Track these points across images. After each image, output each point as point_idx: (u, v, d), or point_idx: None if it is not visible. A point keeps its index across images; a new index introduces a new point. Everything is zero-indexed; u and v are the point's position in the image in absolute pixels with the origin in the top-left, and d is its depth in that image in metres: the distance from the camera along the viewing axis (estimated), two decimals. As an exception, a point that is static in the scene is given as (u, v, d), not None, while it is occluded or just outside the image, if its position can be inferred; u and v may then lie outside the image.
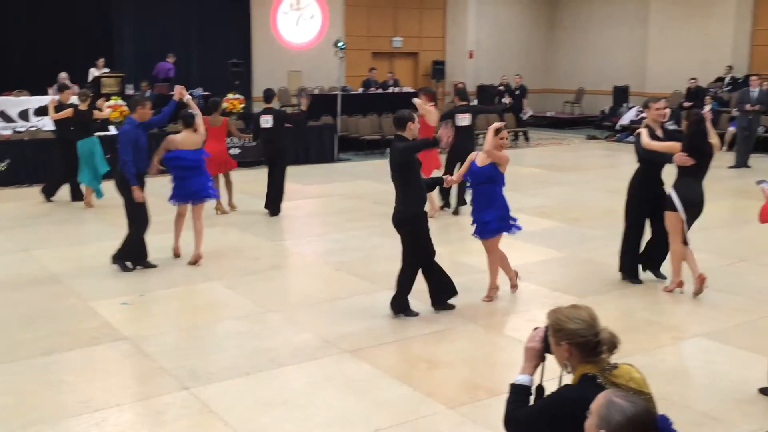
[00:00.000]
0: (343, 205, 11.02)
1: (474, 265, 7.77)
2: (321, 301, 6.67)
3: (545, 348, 2.73)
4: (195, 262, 7.57)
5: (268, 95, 10.64)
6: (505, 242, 8.77)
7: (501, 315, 6.32)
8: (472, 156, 6.49)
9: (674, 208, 6.52)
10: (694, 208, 6.56)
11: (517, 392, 2.75)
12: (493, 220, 6.45)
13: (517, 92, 19.25)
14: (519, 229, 6.73)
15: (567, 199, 11.40)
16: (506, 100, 19.25)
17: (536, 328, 2.81)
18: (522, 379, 2.77)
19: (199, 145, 7.77)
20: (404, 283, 6.17)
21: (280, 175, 10.18)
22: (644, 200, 6.97)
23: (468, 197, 8.12)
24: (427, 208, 6.42)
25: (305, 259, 8.25)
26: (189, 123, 7.72)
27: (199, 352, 5.44)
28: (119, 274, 7.36)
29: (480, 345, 5.72)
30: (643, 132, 6.85)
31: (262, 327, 6.03)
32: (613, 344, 2.60)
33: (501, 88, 19.85)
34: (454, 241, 8.83)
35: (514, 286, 6.83)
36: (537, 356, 2.76)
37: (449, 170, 9.81)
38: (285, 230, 9.66)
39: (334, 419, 4.46)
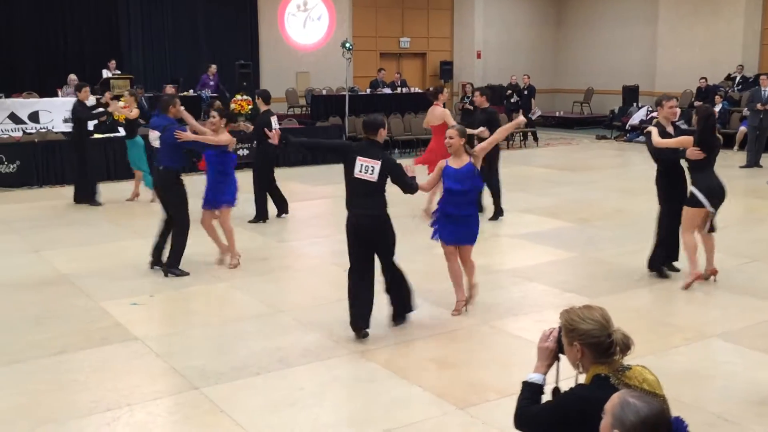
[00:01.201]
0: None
1: (482, 266, 7.74)
2: (330, 302, 6.65)
3: (559, 348, 2.72)
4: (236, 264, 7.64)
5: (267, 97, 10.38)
6: (514, 243, 8.81)
7: (510, 316, 6.29)
8: (441, 164, 6.16)
9: (699, 205, 6.69)
10: (718, 198, 6.75)
11: (529, 390, 2.75)
12: (476, 224, 6.26)
13: (526, 92, 19.23)
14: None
15: (576, 198, 11.36)
16: (514, 100, 19.24)
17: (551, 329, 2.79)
18: (534, 377, 2.76)
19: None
20: (403, 284, 6.03)
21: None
22: (674, 195, 6.94)
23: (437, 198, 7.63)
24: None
25: (313, 260, 8.25)
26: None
27: (209, 353, 5.44)
28: (129, 275, 7.37)
29: (489, 346, 5.70)
30: (654, 130, 6.85)
31: (272, 327, 6.03)
32: (626, 345, 2.59)
33: (509, 91, 19.82)
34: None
35: (471, 297, 6.41)
36: (550, 356, 2.75)
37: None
38: (293, 231, 9.66)
39: (343, 420, 4.46)
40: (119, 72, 16.66)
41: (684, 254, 6.94)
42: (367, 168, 5.61)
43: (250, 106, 16.44)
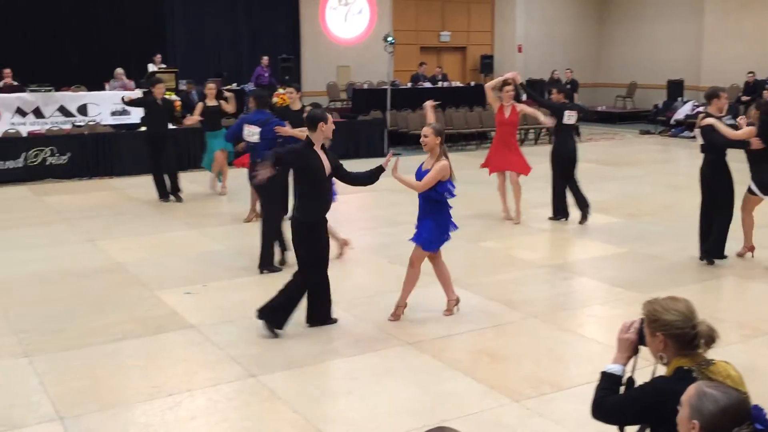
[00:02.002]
0: (393, 199, 11.03)
1: (530, 260, 7.75)
2: (378, 294, 6.71)
3: (639, 340, 2.72)
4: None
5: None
6: (562, 237, 8.76)
7: (561, 310, 6.27)
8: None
9: (755, 194, 7.27)
10: None
11: (608, 381, 2.74)
12: (427, 230, 5.94)
13: (568, 86, 19.02)
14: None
15: (623, 194, 11.26)
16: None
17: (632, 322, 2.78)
18: (613, 368, 2.75)
19: None
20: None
21: None
22: (721, 187, 7.20)
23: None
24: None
25: (359, 252, 8.30)
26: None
27: (264, 342, 5.53)
28: (181, 265, 7.51)
29: (541, 340, 5.70)
30: (718, 123, 6.90)
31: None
32: (711, 338, 2.57)
33: (549, 83, 19.66)
34: (510, 236, 8.81)
35: (448, 311, 6.13)
36: (630, 347, 2.74)
37: (558, 171, 9.28)
38: (338, 224, 9.69)
39: (399, 410, 4.50)
40: (164, 66, 16.89)
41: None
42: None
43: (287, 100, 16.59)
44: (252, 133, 7.54)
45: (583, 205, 9.20)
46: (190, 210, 10.18)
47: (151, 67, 16.47)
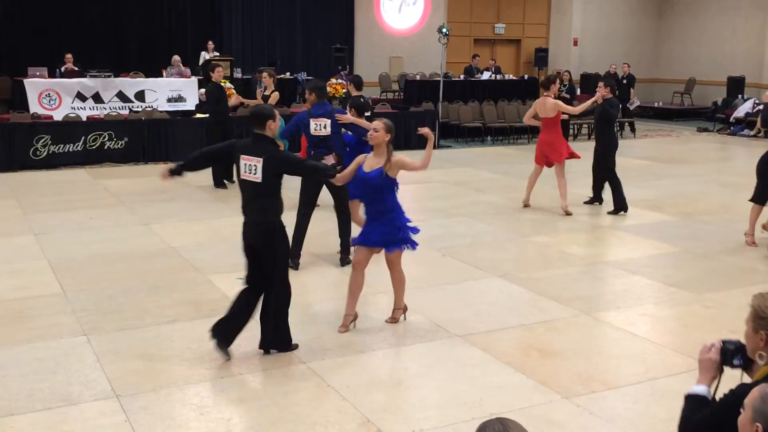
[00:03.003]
0: (445, 192, 11.02)
1: (582, 257, 7.65)
2: (429, 285, 6.71)
3: (723, 360, 2.63)
4: None
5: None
6: (615, 234, 8.62)
7: (613, 308, 6.18)
8: (359, 159, 5.52)
9: None
10: None
11: (694, 402, 2.62)
12: (378, 233, 5.51)
13: (625, 81, 18.70)
14: (412, 246, 5.74)
15: (678, 192, 11.03)
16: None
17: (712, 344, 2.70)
18: (698, 389, 2.63)
19: None
20: (279, 312, 5.09)
21: None
22: None
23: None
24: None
25: (411, 243, 8.28)
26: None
27: (314, 329, 5.58)
28: (232, 250, 7.57)
29: (593, 337, 5.63)
30: None
31: (373, 308, 6.12)
32: None
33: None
34: (562, 231, 8.71)
35: (393, 319, 5.76)
36: (713, 367, 2.63)
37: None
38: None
39: (448, 401, 4.50)
40: (218, 54, 17.10)
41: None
42: (252, 167, 4.85)
43: (344, 90, 16.65)
44: (322, 126, 7.26)
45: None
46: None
47: (204, 55, 16.69)
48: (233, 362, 4.95)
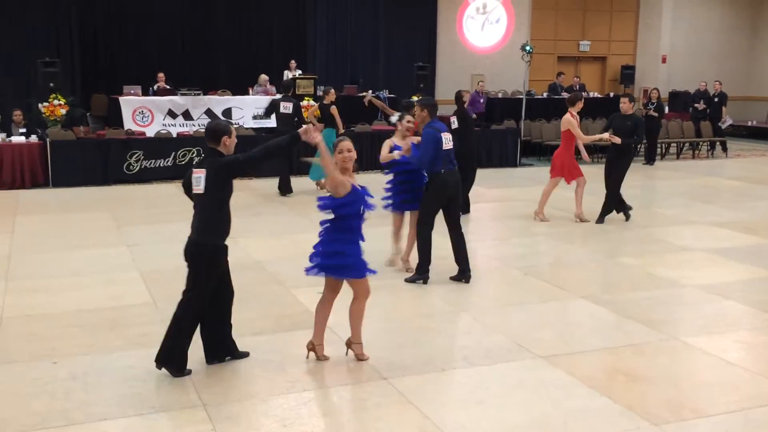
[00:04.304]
0: (526, 210, 10.87)
1: (671, 279, 7.41)
2: (510, 305, 6.63)
3: None
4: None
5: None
6: (706, 257, 8.29)
7: (705, 334, 5.95)
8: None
9: None
10: None
11: None
12: (314, 255, 5.20)
13: (716, 99, 18.09)
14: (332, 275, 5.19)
15: (774, 214, 10.56)
16: (699, 106, 18.13)
17: None
18: None
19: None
20: (178, 334, 4.93)
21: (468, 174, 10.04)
22: None
23: None
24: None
25: (492, 262, 8.22)
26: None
27: (395, 345, 5.58)
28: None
29: (683, 362, 5.43)
30: None
31: (454, 326, 6.09)
32: None
33: (695, 95, 18.74)
34: (649, 253, 8.46)
35: (314, 352, 5.30)
36: None
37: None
38: (470, 232, 9.66)
39: (531, 423, 4.42)
40: (300, 72, 17.45)
41: None
42: (197, 179, 4.86)
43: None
44: (448, 140, 7.23)
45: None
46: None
47: (287, 74, 17.06)
48: (314, 375, 5.01)
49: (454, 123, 10.06)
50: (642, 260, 8.15)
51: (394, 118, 7.92)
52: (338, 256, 5.05)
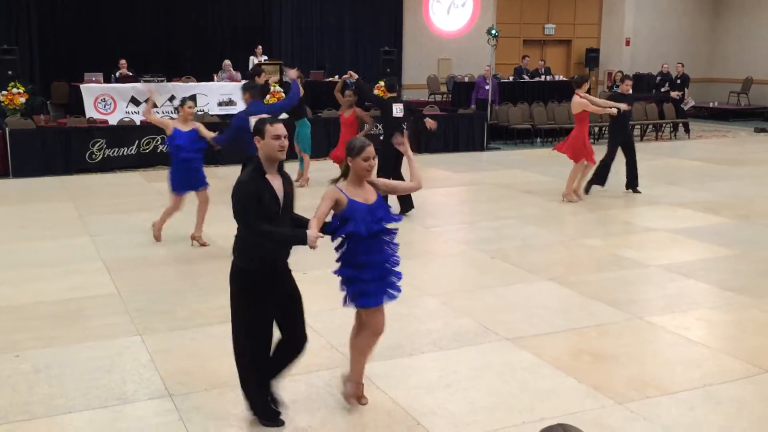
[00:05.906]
0: (494, 194, 10.94)
1: (635, 260, 7.51)
2: (477, 288, 6.67)
3: None
4: None
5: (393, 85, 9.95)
6: (669, 237, 8.43)
7: (668, 312, 6.04)
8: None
9: None
10: None
11: None
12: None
13: (678, 81, 18.31)
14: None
15: (735, 194, 10.75)
16: (676, 95, 18.22)
17: None
18: None
19: None
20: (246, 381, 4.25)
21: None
22: None
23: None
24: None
25: (459, 245, 8.26)
26: None
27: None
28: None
29: (646, 341, 5.51)
30: None
31: (422, 310, 6.11)
32: None
33: (658, 78, 18.95)
34: (614, 234, 8.57)
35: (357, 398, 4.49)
36: None
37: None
38: (436, 216, 9.70)
39: (498, 405, 4.46)
40: (267, 58, 17.26)
41: None
42: None
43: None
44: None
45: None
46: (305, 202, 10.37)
47: (253, 60, 16.88)
48: (283, 363, 4.98)
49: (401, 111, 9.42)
50: (607, 241, 8.25)
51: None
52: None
